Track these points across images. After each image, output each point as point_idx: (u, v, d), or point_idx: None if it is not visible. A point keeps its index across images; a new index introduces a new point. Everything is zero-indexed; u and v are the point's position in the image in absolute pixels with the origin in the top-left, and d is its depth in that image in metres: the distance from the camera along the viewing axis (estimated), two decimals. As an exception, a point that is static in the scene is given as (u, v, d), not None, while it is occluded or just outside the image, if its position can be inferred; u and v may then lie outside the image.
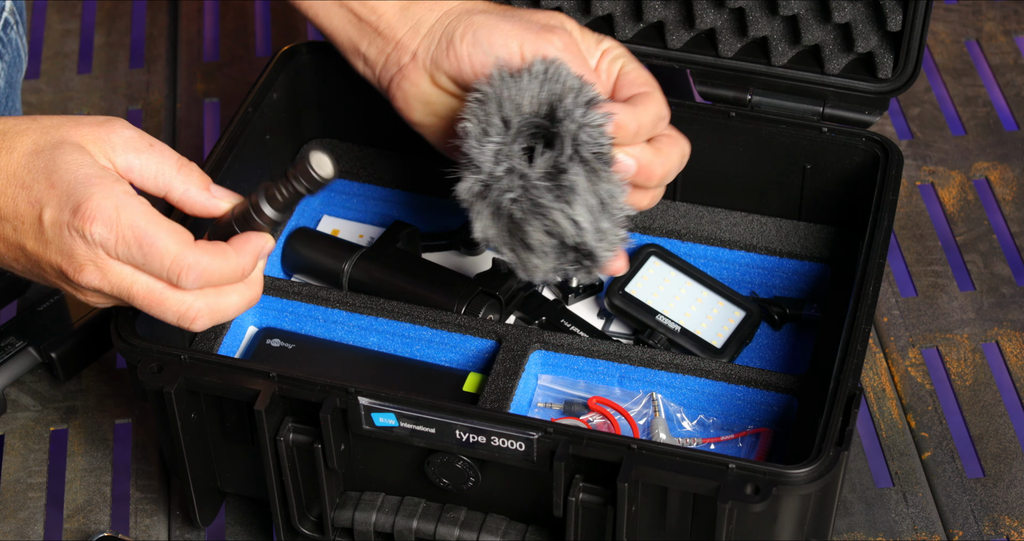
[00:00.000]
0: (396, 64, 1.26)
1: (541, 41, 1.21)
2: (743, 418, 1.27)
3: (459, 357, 1.30)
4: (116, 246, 1.07)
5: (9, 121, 1.11)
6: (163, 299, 1.10)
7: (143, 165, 1.11)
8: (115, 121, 1.12)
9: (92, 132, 1.10)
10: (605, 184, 1.18)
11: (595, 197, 1.17)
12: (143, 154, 1.11)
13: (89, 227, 1.07)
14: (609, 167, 1.18)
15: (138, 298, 1.10)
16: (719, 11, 1.35)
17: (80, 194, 1.07)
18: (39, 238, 1.09)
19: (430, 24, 1.25)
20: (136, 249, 1.07)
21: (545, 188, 1.16)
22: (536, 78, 1.19)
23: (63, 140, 1.10)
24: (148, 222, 1.08)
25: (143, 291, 1.10)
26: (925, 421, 1.36)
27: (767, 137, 1.34)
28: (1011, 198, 1.53)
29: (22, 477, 1.34)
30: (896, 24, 1.31)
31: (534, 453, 1.13)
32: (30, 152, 1.09)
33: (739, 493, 1.08)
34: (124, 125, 1.12)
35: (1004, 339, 1.42)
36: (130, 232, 1.07)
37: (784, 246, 1.36)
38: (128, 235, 1.07)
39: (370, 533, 1.20)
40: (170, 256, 1.08)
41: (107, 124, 1.11)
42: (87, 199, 1.07)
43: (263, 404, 1.14)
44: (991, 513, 1.30)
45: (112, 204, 1.07)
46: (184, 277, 1.08)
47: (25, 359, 1.37)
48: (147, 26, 1.73)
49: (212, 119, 1.65)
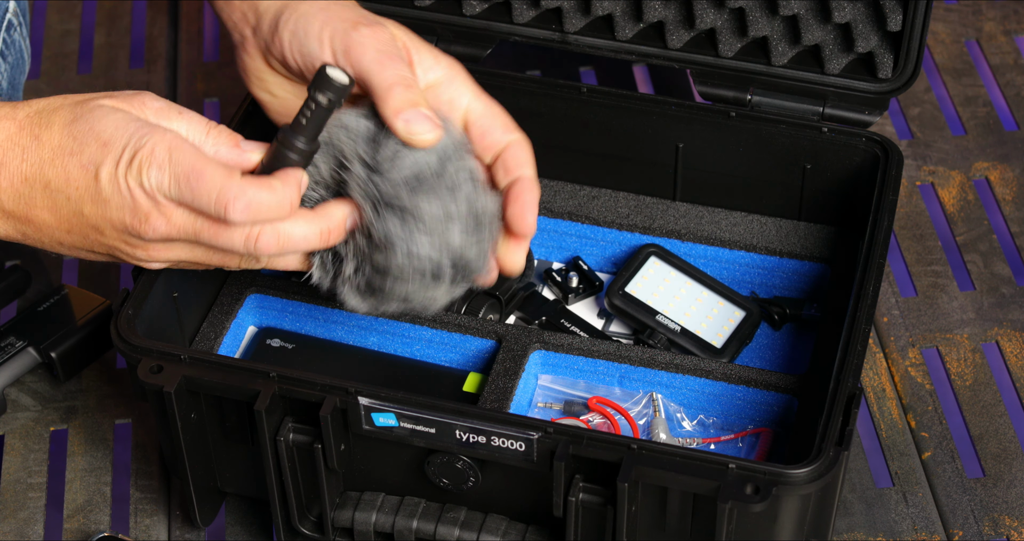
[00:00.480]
0: (241, 35, 1.24)
1: (351, 36, 1.16)
2: (743, 418, 1.27)
3: (459, 357, 1.30)
4: (169, 187, 1.08)
5: (40, 101, 1.13)
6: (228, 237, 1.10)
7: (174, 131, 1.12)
8: (144, 93, 1.13)
9: (124, 101, 1.12)
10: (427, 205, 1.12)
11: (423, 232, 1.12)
12: (173, 121, 1.12)
13: (145, 171, 1.08)
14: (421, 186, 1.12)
15: (203, 234, 1.10)
16: (719, 11, 1.35)
17: (136, 142, 1.09)
18: (97, 199, 1.10)
19: (268, 2, 1.22)
20: (185, 185, 1.08)
21: (374, 246, 1.13)
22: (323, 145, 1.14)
23: (99, 105, 1.11)
24: (196, 159, 1.09)
25: (207, 231, 1.10)
26: (925, 421, 1.36)
27: (767, 137, 1.34)
28: (1011, 198, 1.53)
29: (22, 477, 1.34)
30: (896, 24, 1.31)
31: (534, 453, 1.13)
32: (70, 122, 1.11)
33: (739, 493, 1.08)
34: (152, 97, 1.13)
35: (1004, 339, 1.42)
36: (180, 168, 1.08)
37: (784, 246, 1.36)
38: (178, 172, 1.08)
39: (370, 533, 1.20)
40: (216, 188, 1.08)
41: (137, 96, 1.13)
42: (142, 146, 1.09)
43: (263, 404, 1.14)
44: (991, 513, 1.30)
45: (165, 147, 1.08)
46: (231, 208, 1.08)
47: (25, 359, 1.37)
48: (147, 26, 1.73)
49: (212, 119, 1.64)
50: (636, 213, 1.38)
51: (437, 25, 1.38)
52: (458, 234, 1.13)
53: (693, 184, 1.38)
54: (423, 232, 1.11)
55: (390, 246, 1.12)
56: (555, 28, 1.40)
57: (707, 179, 1.38)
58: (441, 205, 1.12)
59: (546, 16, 1.40)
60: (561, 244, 1.39)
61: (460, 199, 1.13)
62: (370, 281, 1.15)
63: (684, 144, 1.36)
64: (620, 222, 1.38)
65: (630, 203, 1.39)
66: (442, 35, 1.40)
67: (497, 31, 1.40)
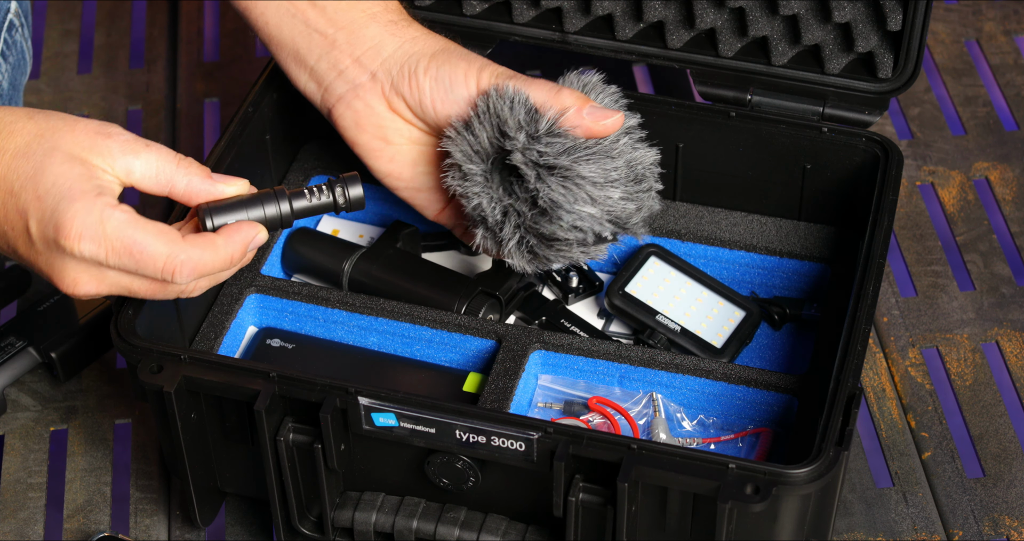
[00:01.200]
0: (350, 82, 1.25)
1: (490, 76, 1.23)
2: (743, 418, 1.27)
3: (459, 357, 1.30)
4: (108, 258, 1.09)
5: (6, 116, 1.11)
6: (163, 289, 1.13)
7: (143, 166, 1.11)
8: (111, 127, 1.12)
9: (88, 139, 1.11)
10: (587, 170, 1.19)
11: (583, 190, 1.19)
12: (141, 155, 1.12)
13: (77, 245, 1.08)
14: (580, 154, 1.19)
15: (140, 293, 1.13)
16: (719, 11, 1.35)
17: (61, 210, 1.08)
18: (30, 247, 1.10)
19: (392, 49, 1.25)
20: (127, 257, 1.09)
21: (537, 214, 1.20)
22: (481, 117, 1.21)
23: (56, 147, 1.10)
24: (134, 229, 1.09)
25: (143, 288, 1.13)
26: (925, 421, 1.36)
27: (767, 137, 1.34)
28: (1011, 198, 1.53)
29: (22, 477, 1.34)
30: (896, 24, 1.31)
31: (534, 453, 1.13)
32: (20, 154, 1.09)
33: (739, 493, 1.08)
34: (120, 131, 1.12)
35: (1004, 339, 1.42)
36: (119, 243, 1.08)
37: (784, 246, 1.36)
38: (117, 246, 1.08)
39: (370, 533, 1.20)
40: (161, 258, 1.09)
41: (103, 129, 1.12)
42: (70, 217, 1.07)
43: (263, 404, 1.14)
44: (991, 513, 1.30)
45: (96, 218, 1.08)
46: (178, 274, 1.10)
47: (25, 359, 1.37)
48: (147, 26, 1.73)
49: (212, 119, 1.65)
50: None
51: (437, 25, 1.38)
52: (619, 195, 1.20)
53: (693, 184, 1.38)
54: (586, 195, 1.19)
55: (554, 210, 1.19)
56: (555, 28, 1.40)
57: (707, 179, 1.38)
58: (600, 168, 1.19)
59: (546, 16, 1.40)
60: (561, 244, 1.39)
61: (619, 160, 1.20)
62: (535, 248, 1.22)
63: (684, 144, 1.36)
64: (620, 222, 1.38)
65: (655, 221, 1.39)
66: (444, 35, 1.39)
67: (497, 31, 1.40)
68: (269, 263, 1.36)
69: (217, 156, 1.29)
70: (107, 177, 1.10)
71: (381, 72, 1.24)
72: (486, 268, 1.35)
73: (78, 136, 1.10)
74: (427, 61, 1.24)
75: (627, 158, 1.22)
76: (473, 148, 1.21)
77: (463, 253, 1.39)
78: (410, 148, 1.26)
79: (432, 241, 1.39)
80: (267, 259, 1.35)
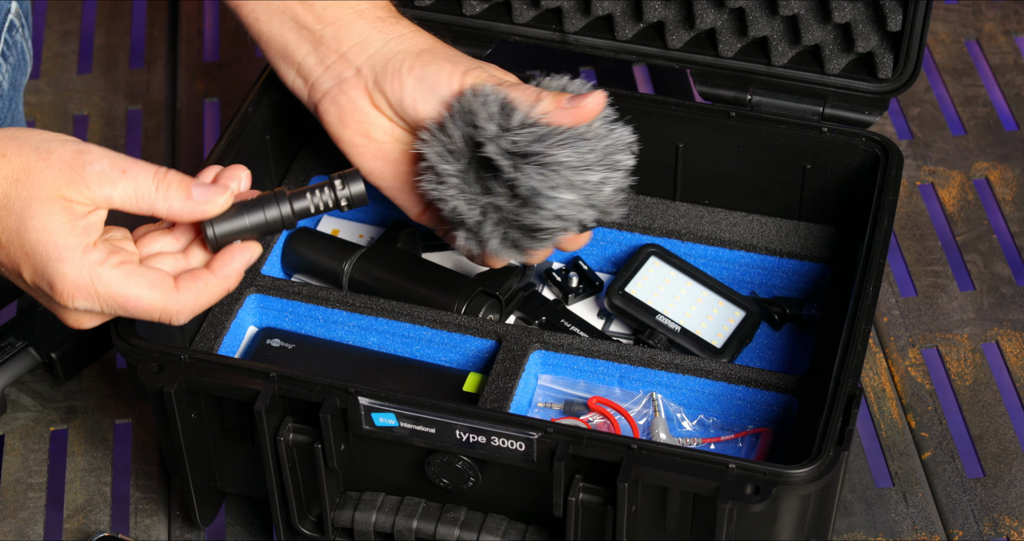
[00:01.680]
0: (336, 78, 1.25)
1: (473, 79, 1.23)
2: (743, 418, 1.27)
3: (459, 357, 1.30)
4: (104, 310, 1.10)
5: None
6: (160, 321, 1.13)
7: (121, 194, 1.09)
8: (87, 153, 1.09)
9: (63, 175, 1.08)
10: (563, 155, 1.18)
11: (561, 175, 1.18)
12: (118, 184, 1.09)
13: (72, 303, 1.09)
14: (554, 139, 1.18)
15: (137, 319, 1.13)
16: (719, 11, 1.35)
17: (51, 272, 1.08)
18: (28, 288, 1.11)
19: (378, 45, 1.25)
20: (123, 311, 1.10)
21: (518, 206, 1.19)
22: (455, 117, 1.21)
23: (33, 196, 1.08)
24: (126, 286, 1.09)
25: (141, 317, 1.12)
26: (925, 421, 1.36)
27: (767, 137, 1.34)
28: (1011, 198, 1.53)
29: (22, 477, 1.34)
30: (896, 24, 1.31)
31: (534, 453, 1.13)
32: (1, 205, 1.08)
33: (739, 493, 1.08)
34: (95, 157, 1.09)
35: (1004, 339, 1.42)
36: (112, 300, 1.09)
37: (784, 246, 1.36)
38: (111, 303, 1.09)
39: (370, 533, 1.20)
40: (157, 310, 1.10)
41: (78, 159, 1.08)
42: (59, 279, 1.08)
43: (263, 404, 1.14)
44: (991, 513, 1.30)
45: (86, 280, 1.08)
46: (176, 320, 1.11)
47: (25, 359, 1.37)
48: (147, 26, 1.73)
49: (212, 119, 1.65)
50: (636, 213, 1.38)
51: (437, 25, 1.38)
52: (598, 179, 1.19)
53: (693, 184, 1.38)
54: (565, 180, 1.18)
55: (535, 198, 1.18)
56: (555, 28, 1.40)
57: (707, 179, 1.38)
58: (575, 152, 1.18)
59: (546, 16, 1.40)
60: (561, 244, 1.39)
61: (594, 143, 1.20)
62: (518, 243, 1.21)
63: (684, 144, 1.36)
64: (620, 222, 1.38)
65: (630, 203, 1.39)
66: (442, 35, 1.39)
67: (497, 31, 1.40)
68: (269, 263, 1.36)
69: (217, 156, 1.29)
70: (88, 212, 1.09)
71: (366, 68, 1.24)
72: (486, 268, 1.35)
73: (52, 172, 1.08)
74: (412, 60, 1.24)
75: (603, 142, 1.21)
76: (448, 148, 1.21)
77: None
78: (393, 146, 1.26)
79: (432, 241, 1.39)
80: (267, 259, 1.35)
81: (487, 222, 1.21)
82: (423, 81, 1.23)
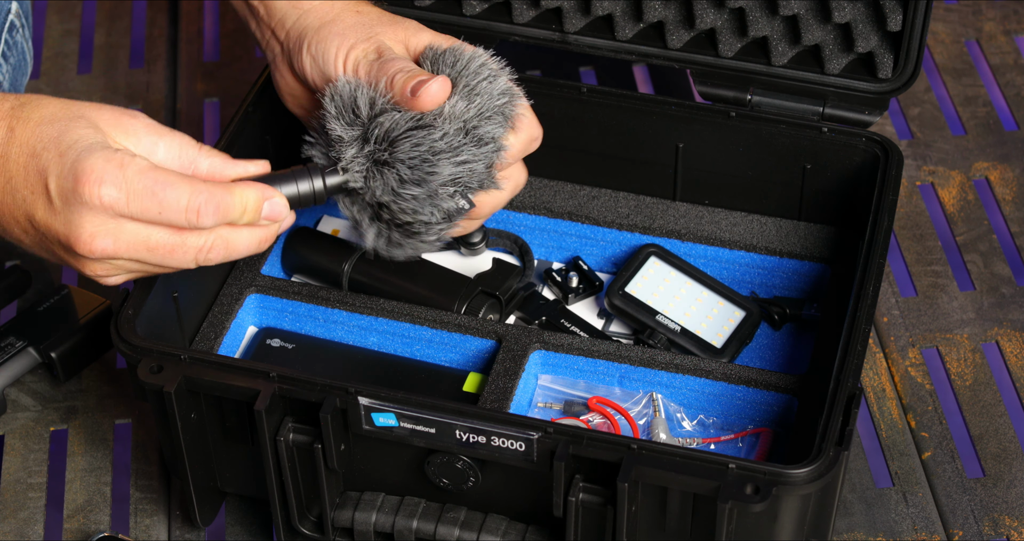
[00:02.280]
0: (272, 53, 1.27)
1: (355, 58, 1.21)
2: (743, 418, 1.27)
3: (459, 357, 1.30)
4: (129, 203, 1.08)
5: (32, 95, 1.13)
6: (183, 242, 1.11)
7: (166, 147, 1.12)
8: (137, 113, 1.13)
9: (114, 117, 1.11)
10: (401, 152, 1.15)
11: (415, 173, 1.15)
12: (164, 137, 1.12)
13: (98, 190, 1.07)
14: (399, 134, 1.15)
15: (157, 251, 1.10)
16: (719, 11, 1.35)
17: (81, 160, 1.07)
18: (48, 207, 1.09)
19: (292, 21, 1.24)
20: (150, 199, 1.08)
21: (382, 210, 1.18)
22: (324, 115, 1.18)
23: (81, 115, 1.10)
24: (155, 171, 1.08)
25: (161, 242, 1.10)
26: (925, 421, 1.36)
27: (767, 137, 1.34)
28: (1011, 198, 1.53)
29: (22, 477, 1.34)
30: (896, 24, 1.31)
31: (534, 453, 1.13)
32: (45, 121, 1.10)
33: (739, 493, 1.08)
34: (145, 117, 1.13)
35: (1004, 339, 1.42)
36: (140, 184, 1.07)
37: (784, 246, 1.36)
38: (139, 187, 1.07)
39: (370, 533, 1.20)
40: (185, 195, 1.08)
41: (129, 112, 1.13)
42: (89, 165, 1.07)
43: (263, 404, 1.14)
44: (991, 513, 1.30)
45: (116, 164, 1.07)
46: (203, 212, 1.09)
47: (25, 359, 1.37)
48: (147, 26, 1.73)
49: (212, 119, 1.65)
50: (636, 213, 1.38)
51: (437, 25, 1.38)
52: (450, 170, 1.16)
53: (693, 184, 1.38)
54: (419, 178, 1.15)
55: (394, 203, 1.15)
56: (555, 28, 1.40)
57: (707, 179, 1.38)
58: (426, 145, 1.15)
59: (546, 16, 1.40)
60: (561, 244, 1.39)
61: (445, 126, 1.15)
62: (399, 241, 1.19)
63: (684, 144, 1.36)
64: (620, 222, 1.38)
65: (630, 203, 1.39)
66: (442, 35, 1.40)
67: (497, 31, 1.40)
68: (269, 263, 1.36)
69: (217, 156, 1.29)
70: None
71: (287, 44, 1.25)
72: (486, 268, 1.35)
73: (104, 114, 1.11)
74: (311, 36, 1.22)
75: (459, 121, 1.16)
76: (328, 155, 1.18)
77: (463, 253, 1.39)
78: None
79: (432, 241, 1.39)
80: (267, 259, 1.35)
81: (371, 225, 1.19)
82: (316, 59, 1.22)
